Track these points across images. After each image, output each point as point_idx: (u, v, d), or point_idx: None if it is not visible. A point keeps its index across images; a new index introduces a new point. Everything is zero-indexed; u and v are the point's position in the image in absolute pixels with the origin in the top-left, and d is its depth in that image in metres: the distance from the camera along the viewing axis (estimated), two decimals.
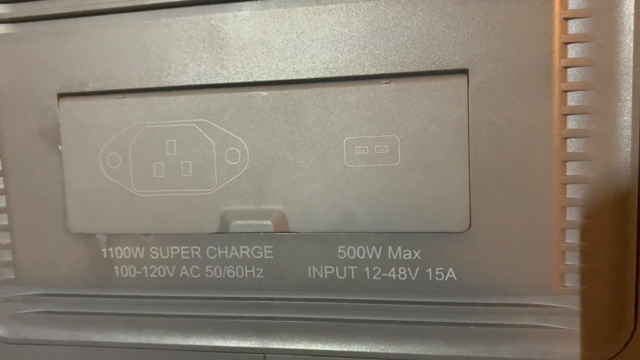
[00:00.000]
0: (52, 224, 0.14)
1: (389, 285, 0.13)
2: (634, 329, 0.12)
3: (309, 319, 0.13)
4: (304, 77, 0.12)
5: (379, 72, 0.12)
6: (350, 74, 0.12)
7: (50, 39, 0.13)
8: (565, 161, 0.12)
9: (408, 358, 0.13)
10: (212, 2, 0.13)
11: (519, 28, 0.12)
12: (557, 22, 0.11)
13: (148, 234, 0.14)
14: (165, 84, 0.13)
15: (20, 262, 0.15)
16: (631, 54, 0.11)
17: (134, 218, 0.14)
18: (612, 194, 0.12)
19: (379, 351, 0.13)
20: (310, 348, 0.14)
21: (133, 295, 0.14)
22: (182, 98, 0.13)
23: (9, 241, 0.15)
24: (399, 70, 0.12)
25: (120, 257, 0.14)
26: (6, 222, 0.15)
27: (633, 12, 0.11)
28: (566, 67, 0.12)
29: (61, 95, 0.14)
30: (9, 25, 0.14)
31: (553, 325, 0.12)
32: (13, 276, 0.15)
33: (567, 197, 0.12)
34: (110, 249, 0.14)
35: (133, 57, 0.13)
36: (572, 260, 0.12)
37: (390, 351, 0.13)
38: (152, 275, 0.14)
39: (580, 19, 0.12)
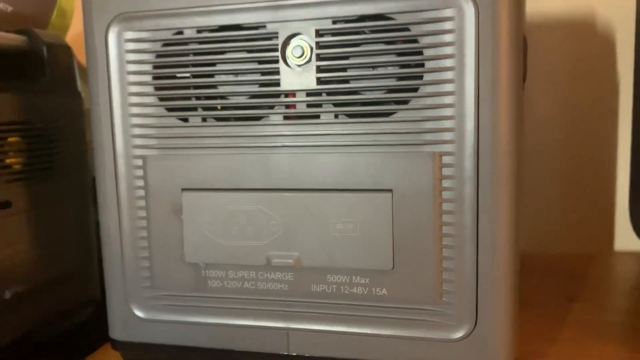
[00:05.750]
0: (175, 256, 0.27)
1: (353, 296, 0.25)
2: (475, 324, 0.24)
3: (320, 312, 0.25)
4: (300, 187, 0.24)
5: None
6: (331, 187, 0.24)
7: (181, 162, 0.26)
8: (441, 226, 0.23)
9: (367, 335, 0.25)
10: None
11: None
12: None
13: (226, 264, 0.26)
14: (242, 187, 0.25)
15: (155, 276, 0.27)
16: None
17: (218, 256, 0.26)
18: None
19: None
20: (321, 329, 0.25)
21: (217, 297, 0.26)
22: (250, 194, 0.25)
23: (149, 265, 0.27)
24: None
25: (211, 275, 0.26)
26: (147, 254, 0.27)
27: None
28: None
29: (184, 190, 0.26)
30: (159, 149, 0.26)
31: (434, 320, 0.24)
32: (150, 284, 0.27)
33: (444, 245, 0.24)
34: (206, 271, 0.26)
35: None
36: (446, 286, 0.24)
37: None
38: (226, 285, 0.26)
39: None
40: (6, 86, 0.37)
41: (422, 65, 0.23)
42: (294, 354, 0.26)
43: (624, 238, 0.54)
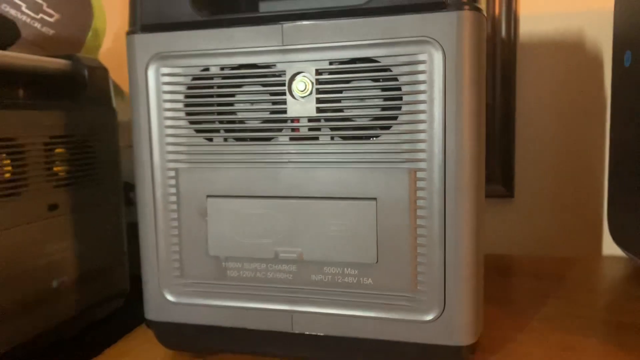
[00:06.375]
0: (200, 250, 0.32)
1: (345, 284, 0.30)
2: (443, 309, 0.29)
3: (319, 298, 0.31)
4: (302, 195, 0.30)
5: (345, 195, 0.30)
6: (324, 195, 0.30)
7: (207, 174, 0.32)
8: (416, 228, 0.29)
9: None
10: None
11: None
12: None
13: (242, 257, 0.32)
14: (256, 194, 0.31)
15: (184, 267, 0.33)
16: None
17: (236, 251, 0.31)
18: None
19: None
20: (320, 311, 0.31)
21: (234, 284, 0.32)
22: (262, 200, 0.31)
23: (179, 258, 0.33)
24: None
25: (230, 266, 0.32)
26: (177, 249, 0.33)
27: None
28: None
29: (208, 196, 0.32)
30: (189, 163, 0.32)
31: (408, 304, 0.29)
32: (179, 273, 0.33)
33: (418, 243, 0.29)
34: (225, 263, 0.32)
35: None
36: (420, 277, 0.29)
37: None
38: (242, 275, 0.32)
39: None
40: (54, 105, 0.43)
41: (401, 98, 0.28)
42: (297, 332, 0.32)
43: (611, 243, 0.59)
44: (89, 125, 0.47)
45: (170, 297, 0.33)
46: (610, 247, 0.60)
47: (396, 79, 0.28)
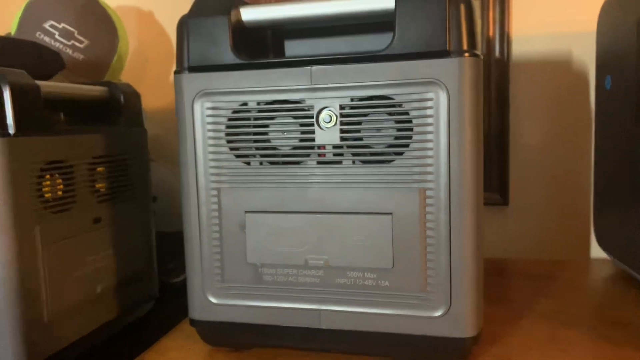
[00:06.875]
0: (239, 258, 0.38)
1: (365, 286, 0.35)
2: (450, 306, 0.34)
3: (342, 299, 0.36)
4: (328, 210, 0.35)
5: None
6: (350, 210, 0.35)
7: (245, 193, 0.37)
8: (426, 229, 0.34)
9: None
10: None
11: None
12: None
13: (276, 264, 0.37)
14: (288, 210, 0.36)
15: (225, 273, 0.38)
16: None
17: (271, 258, 0.37)
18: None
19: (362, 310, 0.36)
20: (344, 309, 0.36)
21: (269, 287, 0.37)
22: (293, 215, 0.36)
23: (220, 265, 0.38)
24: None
25: (265, 272, 0.37)
26: (219, 257, 0.38)
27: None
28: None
29: (247, 212, 0.37)
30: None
31: (420, 303, 0.35)
32: (221, 278, 0.38)
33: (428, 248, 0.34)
34: (261, 269, 0.37)
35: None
36: (429, 280, 0.34)
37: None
38: (276, 279, 0.37)
39: None
40: (95, 128, 0.48)
41: (412, 129, 0.34)
42: (324, 327, 0.37)
43: (598, 248, 0.64)
44: (125, 144, 0.52)
45: (212, 299, 0.39)
46: (597, 251, 0.65)
47: (407, 113, 0.34)
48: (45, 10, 0.64)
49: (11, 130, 0.38)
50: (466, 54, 0.32)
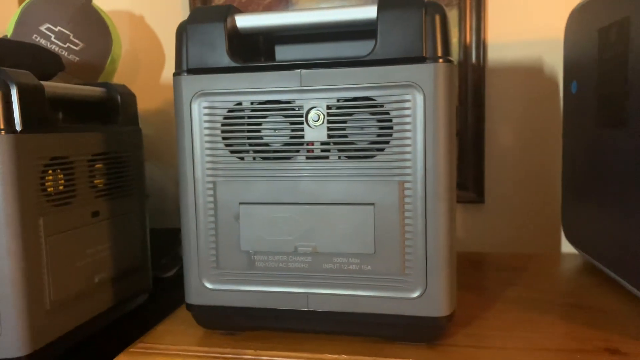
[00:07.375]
0: (234, 246, 0.41)
1: (350, 270, 0.39)
2: (425, 288, 0.38)
3: (329, 283, 0.39)
4: (316, 202, 0.39)
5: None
6: (336, 201, 0.38)
7: (239, 185, 0.40)
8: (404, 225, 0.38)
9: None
10: None
11: None
12: None
13: (268, 251, 0.40)
14: (279, 202, 0.39)
15: (220, 260, 0.41)
16: None
17: (263, 246, 0.40)
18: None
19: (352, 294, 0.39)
20: (330, 292, 0.39)
21: (261, 272, 0.41)
22: (284, 206, 0.39)
23: (215, 253, 0.41)
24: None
25: (258, 258, 0.40)
26: (214, 246, 0.41)
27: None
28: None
29: (241, 203, 0.40)
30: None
31: (399, 285, 0.38)
32: (216, 265, 0.41)
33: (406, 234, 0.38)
34: (254, 256, 0.40)
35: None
36: (407, 264, 0.38)
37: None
38: (267, 265, 0.40)
39: None
40: (93, 127, 0.51)
41: (392, 128, 0.37)
42: (312, 309, 0.40)
43: (567, 242, 0.68)
44: (121, 143, 0.55)
45: (207, 285, 0.42)
46: (566, 245, 0.70)
47: (388, 113, 0.37)
48: (42, 13, 0.66)
49: (18, 128, 0.41)
50: (440, 60, 0.36)
